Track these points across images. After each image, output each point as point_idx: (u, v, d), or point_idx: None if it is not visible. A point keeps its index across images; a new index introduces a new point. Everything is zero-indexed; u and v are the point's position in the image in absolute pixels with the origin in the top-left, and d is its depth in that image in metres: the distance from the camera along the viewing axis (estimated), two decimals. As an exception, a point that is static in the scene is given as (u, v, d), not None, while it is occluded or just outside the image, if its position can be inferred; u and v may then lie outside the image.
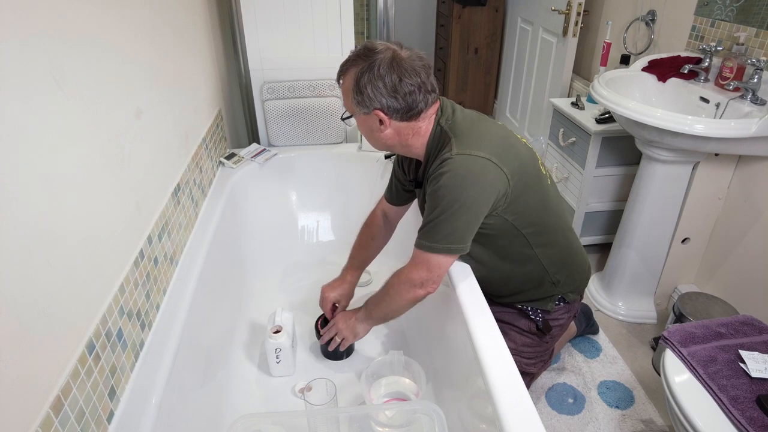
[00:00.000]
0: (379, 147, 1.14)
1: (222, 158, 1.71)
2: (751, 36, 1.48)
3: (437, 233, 1.02)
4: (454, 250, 1.03)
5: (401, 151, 1.15)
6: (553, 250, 1.18)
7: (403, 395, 1.22)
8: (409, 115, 1.04)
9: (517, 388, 0.86)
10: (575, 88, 2.37)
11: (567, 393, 1.49)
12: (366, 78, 1.00)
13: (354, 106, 1.05)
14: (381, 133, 1.07)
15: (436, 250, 1.03)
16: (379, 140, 1.10)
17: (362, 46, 1.04)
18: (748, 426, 0.93)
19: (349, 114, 1.10)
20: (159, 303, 1.06)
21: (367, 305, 1.23)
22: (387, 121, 1.04)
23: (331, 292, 1.37)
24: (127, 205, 0.95)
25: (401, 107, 1.02)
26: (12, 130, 0.63)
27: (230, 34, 1.80)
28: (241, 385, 1.31)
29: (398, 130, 1.07)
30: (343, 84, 1.07)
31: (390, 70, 0.99)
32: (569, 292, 1.24)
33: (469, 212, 1.00)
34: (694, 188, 1.55)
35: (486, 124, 1.09)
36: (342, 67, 1.07)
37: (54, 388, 0.68)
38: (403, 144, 1.10)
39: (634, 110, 1.38)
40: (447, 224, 1.01)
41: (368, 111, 1.04)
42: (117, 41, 0.94)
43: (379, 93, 1.00)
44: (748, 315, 1.22)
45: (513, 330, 1.27)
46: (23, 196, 0.65)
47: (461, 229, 1.02)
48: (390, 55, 1.00)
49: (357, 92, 1.02)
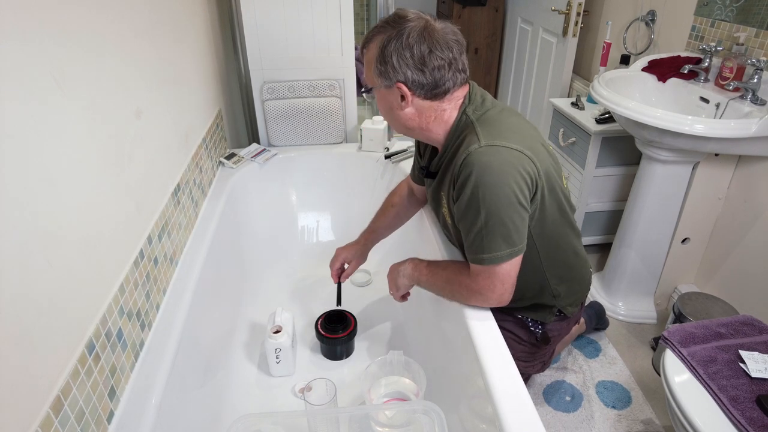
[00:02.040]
0: (397, 128, 1.04)
1: (222, 158, 1.71)
2: (751, 36, 1.48)
3: (491, 241, 0.92)
4: (516, 252, 0.94)
5: (420, 136, 1.05)
6: (558, 264, 1.12)
7: (403, 395, 1.22)
8: (434, 93, 0.95)
9: (517, 388, 0.85)
10: (575, 88, 2.37)
11: (565, 391, 1.49)
12: (393, 46, 0.91)
13: (376, 78, 0.96)
14: (401, 111, 0.98)
15: (500, 259, 0.93)
16: (398, 120, 1.01)
17: (393, 14, 0.96)
18: (748, 426, 0.93)
19: (370, 87, 1.00)
20: (159, 303, 1.06)
21: (419, 268, 1.12)
22: (409, 97, 0.95)
23: (343, 252, 1.35)
24: (127, 205, 0.95)
25: (427, 83, 0.93)
26: (12, 130, 0.63)
27: (230, 34, 1.80)
28: (241, 385, 1.31)
29: (420, 109, 0.98)
30: (367, 53, 0.97)
31: (420, 39, 0.90)
32: (568, 306, 1.19)
33: (515, 206, 0.91)
34: (694, 188, 1.55)
35: (518, 119, 1.01)
36: (368, 35, 0.97)
37: (54, 388, 0.68)
38: (423, 127, 1.01)
39: (634, 110, 1.38)
40: (498, 227, 0.91)
41: (390, 84, 0.95)
42: (117, 41, 0.94)
43: (404, 64, 0.91)
44: (748, 315, 1.22)
45: (511, 338, 1.21)
46: (23, 196, 0.65)
47: (516, 226, 0.92)
48: (422, 24, 0.91)
49: (381, 61, 0.93)
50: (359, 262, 1.36)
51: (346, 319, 1.43)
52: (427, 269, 1.11)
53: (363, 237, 1.39)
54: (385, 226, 1.39)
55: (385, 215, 1.40)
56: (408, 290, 1.19)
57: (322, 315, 1.43)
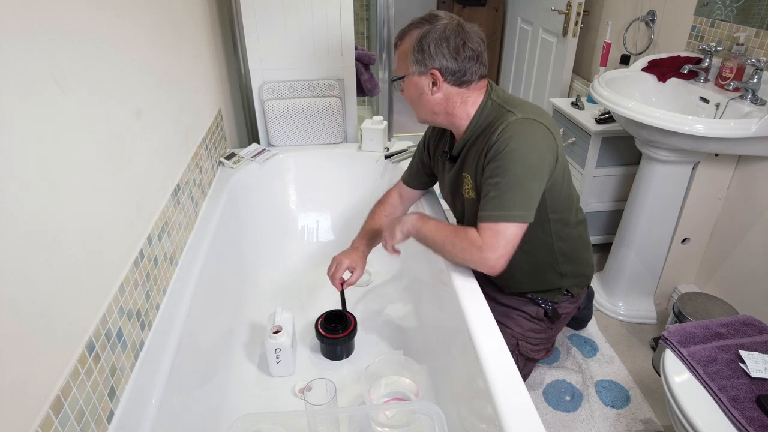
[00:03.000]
0: (423, 114, 1.15)
1: (222, 158, 1.71)
2: (751, 36, 1.48)
3: (510, 200, 1.00)
4: (526, 218, 1.01)
5: (442, 121, 1.15)
6: (567, 242, 1.20)
7: (403, 395, 1.22)
8: (462, 80, 1.07)
9: (517, 388, 0.85)
10: (575, 88, 2.37)
11: (565, 390, 1.49)
12: (431, 36, 1.04)
13: (410, 65, 1.07)
14: (431, 96, 1.09)
15: (513, 218, 1.00)
16: (426, 105, 1.11)
17: (427, 14, 1.09)
18: (748, 426, 0.93)
19: (401, 75, 1.11)
20: (159, 303, 1.06)
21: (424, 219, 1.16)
22: (440, 83, 1.07)
23: (346, 259, 1.33)
24: (127, 205, 0.95)
25: (458, 70, 1.06)
26: (12, 129, 0.63)
27: (230, 33, 1.80)
28: (241, 385, 1.31)
29: (448, 95, 1.09)
30: (401, 46, 1.10)
31: (456, 33, 1.04)
32: (574, 286, 1.27)
33: (539, 177, 1.02)
34: (694, 188, 1.55)
35: (535, 104, 1.13)
36: (403, 30, 1.10)
37: (54, 388, 0.68)
38: (449, 112, 1.11)
39: (634, 110, 1.38)
40: (519, 190, 1.00)
41: (425, 70, 1.06)
42: (117, 41, 0.94)
43: (441, 52, 1.04)
44: (748, 315, 1.22)
45: (520, 315, 1.27)
46: (23, 196, 0.65)
47: (532, 195, 1.02)
48: (456, 21, 1.06)
49: (418, 50, 1.05)
50: (362, 268, 1.36)
51: (346, 319, 1.43)
52: (434, 222, 1.16)
53: (359, 243, 1.39)
54: (377, 229, 1.40)
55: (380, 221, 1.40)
56: (402, 240, 1.20)
57: (322, 315, 1.43)
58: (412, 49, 1.06)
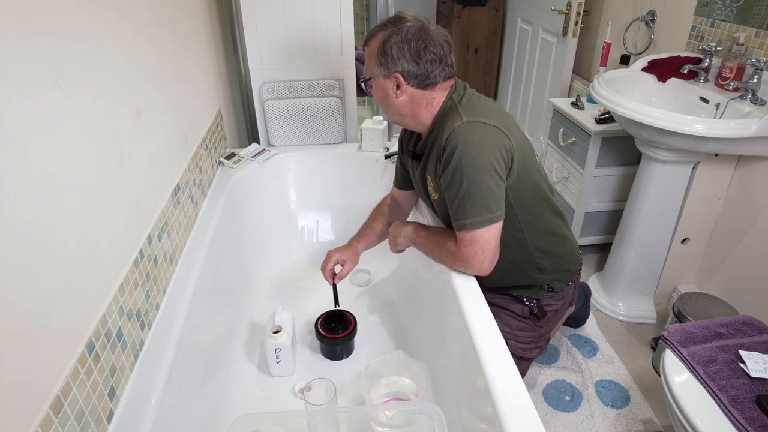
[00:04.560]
0: (391, 115, 1.17)
1: (222, 158, 1.71)
2: (751, 36, 1.48)
3: (472, 206, 1.03)
4: (496, 218, 1.04)
5: (410, 123, 1.17)
6: (540, 236, 1.20)
7: (403, 395, 1.23)
8: (426, 83, 1.08)
9: (517, 388, 0.85)
10: (575, 88, 2.37)
11: (565, 390, 1.49)
12: (393, 40, 1.05)
13: (375, 68, 1.09)
14: (396, 99, 1.11)
15: (479, 224, 1.03)
16: (393, 107, 1.13)
17: (394, 15, 1.11)
18: (748, 426, 0.93)
19: (369, 77, 1.13)
20: (159, 303, 1.06)
21: (418, 232, 1.24)
22: (404, 86, 1.08)
23: (335, 253, 1.37)
24: (127, 205, 0.95)
25: (420, 74, 1.07)
26: (11, 129, 0.63)
27: (230, 33, 1.80)
28: (241, 385, 1.31)
29: (413, 97, 1.10)
30: (369, 47, 1.11)
31: (417, 36, 1.04)
32: (556, 281, 1.26)
33: (492, 175, 1.02)
34: (693, 188, 1.55)
35: (494, 104, 1.14)
36: (371, 31, 1.11)
37: (53, 388, 0.68)
38: (414, 114, 1.13)
39: (633, 110, 1.38)
40: (478, 194, 1.02)
41: (388, 73, 1.08)
42: (117, 41, 0.94)
43: (402, 56, 1.05)
44: (748, 315, 1.22)
45: (508, 315, 1.28)
46: (23, 196, 0.65)
47: (493, 193, 1.03)
48: (419, 24, 1.06)
49: (382, 53, 1.07)
50: (353, 263, 1.37)
51: (346, 319, 1.43)
52: (424, 234, 1.23)
53: (354, 241, 1.41)
54: (376, 233, 1.42)
55: (374, 222, 1.43)
56: (402, 249, 1.32)
57: (322, 315, 1.43)
58: (377, 52, 1.07)
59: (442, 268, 1.17)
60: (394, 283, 1.72)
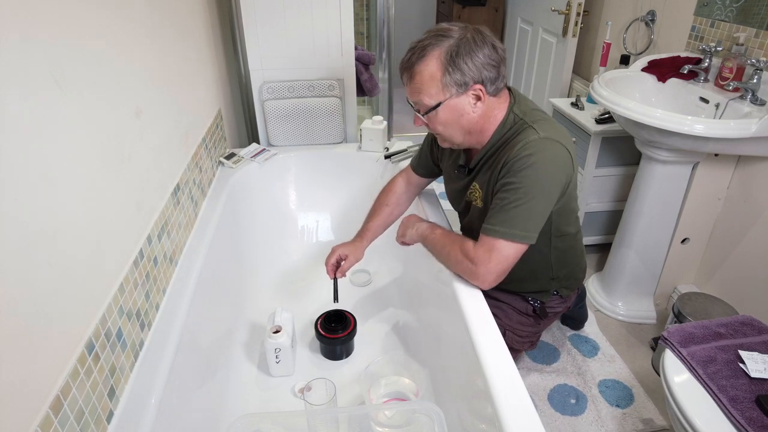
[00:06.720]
0: (456, 136, 1.08)
1: (222, 158, 1.71)
2: (751, 36, 1.48)
3: (513, 218, 0.99)
4: (526, 240, 1.00)
5: (472, 140, 1.09)
6: (564, 252, 1.22)
7: (402, 395, 1.23)
8: (497, 87, 1.03)
9: (517, 388, 0.85)
10: (575, 88, 2.37)
11: (569, 393, 1.49)
12: (462, 51, 0.97)
13: (445, 89, 1.00)
14: (471, 114, 1.03)
15: (509, 236, 0.99)
16: (464, 126, 1.05)
17: (434, 30, 1.01)
18: (748, 426, 0.93)
19: (437, 103, 1.01)
20: (159, 303, 1.06)
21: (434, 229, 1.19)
22: (484, 96, 1.02)
23: (339, 248, 1.37)
24: (127, 205, 0.95)
25: (497, 77, 1.02)
26: (11, 129, 0.63)
27: (230, 33, 1.80)
28: (240, 385, 1.31)
29: (488, 107, 1.04)
30: (422, 73, 1.00)
31: (482, 41, 0.99)
32: (564, 288, 1.29)
33: (548, 199, 1.00)
34: (693, 188, 1.55)
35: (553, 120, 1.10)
36: (418, 54, 0.99)
37: (53, 388, 0.68)
38: (482, 129, 1.07)
39: (633, 110, 1.38)
40: (525, 209, 0.98)
41: (465, 89, 1.00)
42: (117, 40, 0.94)
43: (479, 64, 0.98)
44: (748, 315, 1.22)
45: (510, 308, 1.29)
46: (23, 196, 0.65)
47: (539, 217, 1.00)
48: (472, 29, 1.00)
49: (453, 70, 0.98)
50: (356, 257, 1.37)
51: (346, 319, 1.43)
52: (440, 232, 1.18)
53: (358, 236, 1.41)
54: (379, 224, 1.42)
55: (379, 214, 1.42)
56: (411, 242, 1.27)
57: (322, 315, 1.43)
58: (444, 71, 0.98)
59: (442, 267, 1.17)
60: (394, 283, 1.72)
